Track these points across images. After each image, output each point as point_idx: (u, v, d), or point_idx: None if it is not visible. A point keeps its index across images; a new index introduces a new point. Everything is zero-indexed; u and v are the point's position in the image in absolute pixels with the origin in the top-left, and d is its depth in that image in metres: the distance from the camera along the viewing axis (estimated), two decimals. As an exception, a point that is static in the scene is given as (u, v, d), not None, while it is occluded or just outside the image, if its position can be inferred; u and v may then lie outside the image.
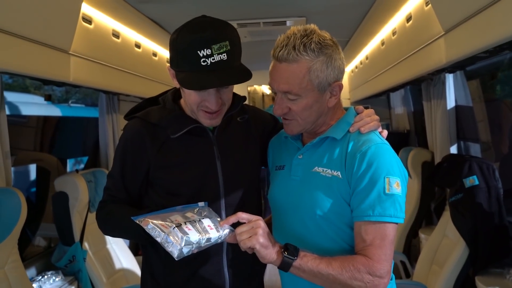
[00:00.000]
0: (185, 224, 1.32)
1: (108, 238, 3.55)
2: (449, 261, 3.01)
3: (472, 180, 2.93)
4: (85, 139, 5.67)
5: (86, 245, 3.23)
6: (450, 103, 3.66)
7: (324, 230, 1.43)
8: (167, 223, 1.31)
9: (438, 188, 3.81)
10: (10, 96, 6.26)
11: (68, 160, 5.52)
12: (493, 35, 1.92)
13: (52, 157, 4.72)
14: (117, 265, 3.52)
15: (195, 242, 1.28)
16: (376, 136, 1.44)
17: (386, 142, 1.44)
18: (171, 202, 1.47)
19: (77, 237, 3.17)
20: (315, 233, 1.44)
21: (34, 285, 2.88)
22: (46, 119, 5.58)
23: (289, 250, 1.32)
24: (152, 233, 1.29)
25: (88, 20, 2.69)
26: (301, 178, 1.49)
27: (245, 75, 1.42)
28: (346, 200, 1.39)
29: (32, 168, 4.56)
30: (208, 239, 1.32)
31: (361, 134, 1.44)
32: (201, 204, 1.45)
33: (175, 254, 1.27)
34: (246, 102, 5.65)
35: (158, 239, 1.28)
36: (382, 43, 3.76)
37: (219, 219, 1.40)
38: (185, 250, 1.27)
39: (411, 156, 4.10)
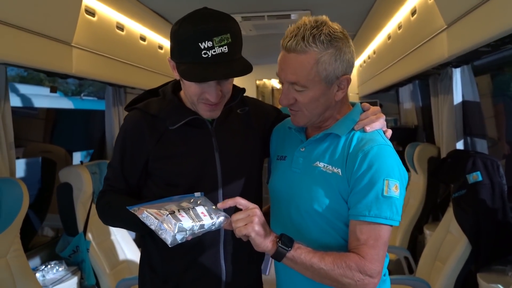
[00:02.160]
0: (179, 211, 1.34)
1: (112, 230, 3.58)
2: (451, 258, 2.99)
3: (476, 176, 2.90)
4: (92, 131, 5.72)
5: (89, 235, 3.26)
6: (457, 98, 3.62)
7: (319, 224, 1.43)
8: (161, 211, 1.33)
9: (442, 183, 3.79)
10: (23, 89, 6.33)
11: (75, 153, 5.57)
12: (493, 28, 1.90)
13: (60, 148, 4.76)
14: (121, 257, 3.56)
15: (188, 229, 1.30)
16: (379, 136, 1.43)
17: (390, 143, 1.43)
18: (170, 193, 1.48)
19: (80, 227, 3.20)
20: (311, 226, 1.45)
21: (37, 274, 2.92)
22: (55, 111, 5.64)
23: (284, 241, 1.32)
24: (146, 221, 1.31)
25: (91, 13, 2.70)
26: (302, 171, 1.49)
27: (245, 69, 1.42)
28: (344, 198, 1.39)
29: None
30: (202, 226, 1.33)
31: (365, 133, 1.43)
32: (197, 194, 1.47)
33: (169, 240, 1.28)
34: (255, 96, 5.69)
35: (152, 227, 1.30)
36: (389, 37, 3.73)
37: (214, 206, 1.41)
38: (179, 237, 1.29)
39: (417, 152, 4.08)
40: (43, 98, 6.13)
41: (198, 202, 1.42)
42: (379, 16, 3.45)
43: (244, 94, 1.71)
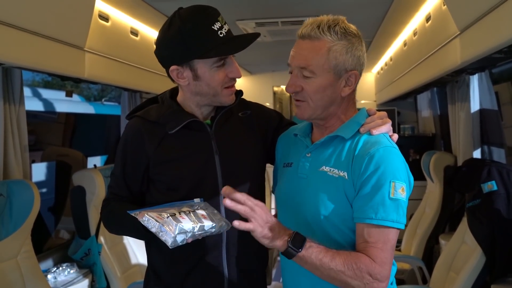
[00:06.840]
0: (179, 214, 1.35)
1: (125, 233, 3.60)
2: (465, 269, 2.92)
3: (491, 186, 2.84)
4: (109, 136, 5.79)
5: (101, 239, 3.28)
6: (474, 106, 3.57)
7: (326, 231, 1.42)
8: (161, 214, 1.34)
9: (457, 192, 3.72)
10: (46, 94, 6.45)
11: (94, 158, 5.63)
12: (505, 35, 1.85)
13: (78, 152, 4.84)
14: (133, 260, 3.57)
15: (188, 230, 1.31)
16: (385, 139, 1.42)
17: (396, 145, 1.42)
18: (172, 198, 1.50)
19: (93, 230, 3.23)
20: (318, 234, 1.42)
21: (49, 276, 2.95)
22: (74, 116, 5.73)
23: (295, 241, 1.29)
24: (147, 225, 1.32)
25: (105, 18, 2.74)
26: (308, 177, 1.48)
27: (253, 35, 1.53)
28: (350, 201, 1.38)
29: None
30: (202, 228, 1.34)
31: (371, 136, 1.43)
32: (196, 200, 1.49)
33: (169, 242, 1.29)
34: (272, 103, 5.62)
35: (153, 230, 1.31)
36: (405, 44, 3.69)
37: (216, 211, 1.43)
38: (179, 239, 1.30)
39: (434, 160, 4.02)
40: (65, 103, 6.24)
41: (199, 206, 1.43)
42: (394, 23, 3.42)
43: (262, 100, 1.72)
